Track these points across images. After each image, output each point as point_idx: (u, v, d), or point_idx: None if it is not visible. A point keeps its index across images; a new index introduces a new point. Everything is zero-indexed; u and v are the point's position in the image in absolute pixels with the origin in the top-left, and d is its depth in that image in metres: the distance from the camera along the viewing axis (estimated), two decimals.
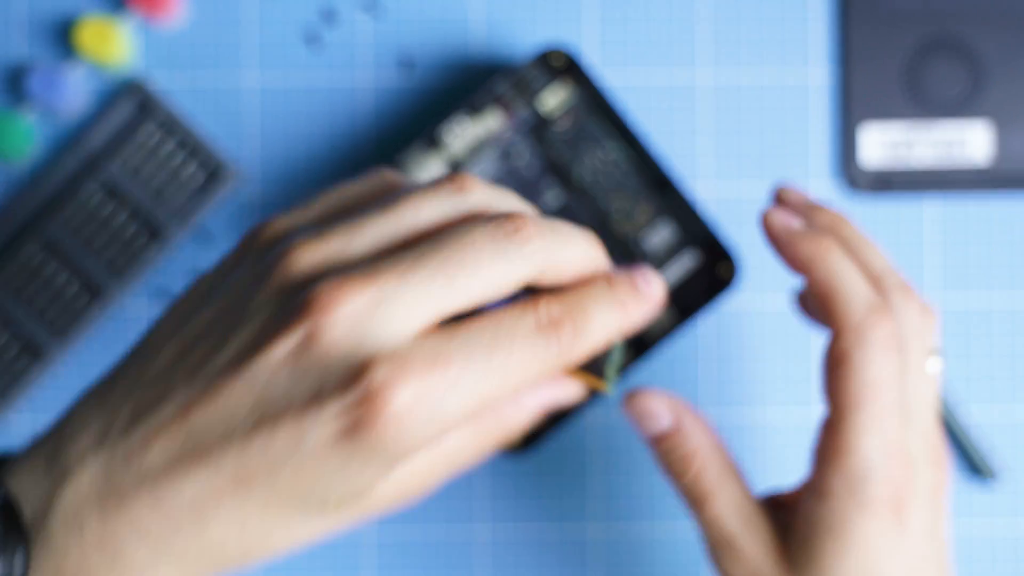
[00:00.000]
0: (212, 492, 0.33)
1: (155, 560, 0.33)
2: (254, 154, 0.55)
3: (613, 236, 0.52)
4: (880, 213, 0.55)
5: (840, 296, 0.39)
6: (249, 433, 0.32)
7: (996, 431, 0.55)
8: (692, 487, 0.41)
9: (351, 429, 0.32)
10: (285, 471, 0.33)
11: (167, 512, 0.33)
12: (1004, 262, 0.55)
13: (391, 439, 0.32)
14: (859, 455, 0.38)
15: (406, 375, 0.32)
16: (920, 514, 0.39)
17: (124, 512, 0.33)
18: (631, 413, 0.42)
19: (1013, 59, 0.54)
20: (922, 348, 0.40)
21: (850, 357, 0.39)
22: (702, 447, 0.41)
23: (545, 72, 0.52)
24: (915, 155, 0.54)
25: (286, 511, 0.34)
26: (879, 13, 0.54)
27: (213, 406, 0.33)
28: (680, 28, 0.55)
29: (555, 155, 0.52)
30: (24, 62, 0.54)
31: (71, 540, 0.33)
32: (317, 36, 0.54)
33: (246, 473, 0.33)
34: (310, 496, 0.33)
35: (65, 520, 0.33)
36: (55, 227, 0.53)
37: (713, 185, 0.55)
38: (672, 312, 0.52)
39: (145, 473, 0.33)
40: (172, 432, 0.33)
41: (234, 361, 0.33)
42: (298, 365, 0.32)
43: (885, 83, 0.54)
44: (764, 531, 0.40)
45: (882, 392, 0.38)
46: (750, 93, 0.55)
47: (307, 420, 0.32)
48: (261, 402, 0.32)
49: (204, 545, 0.33)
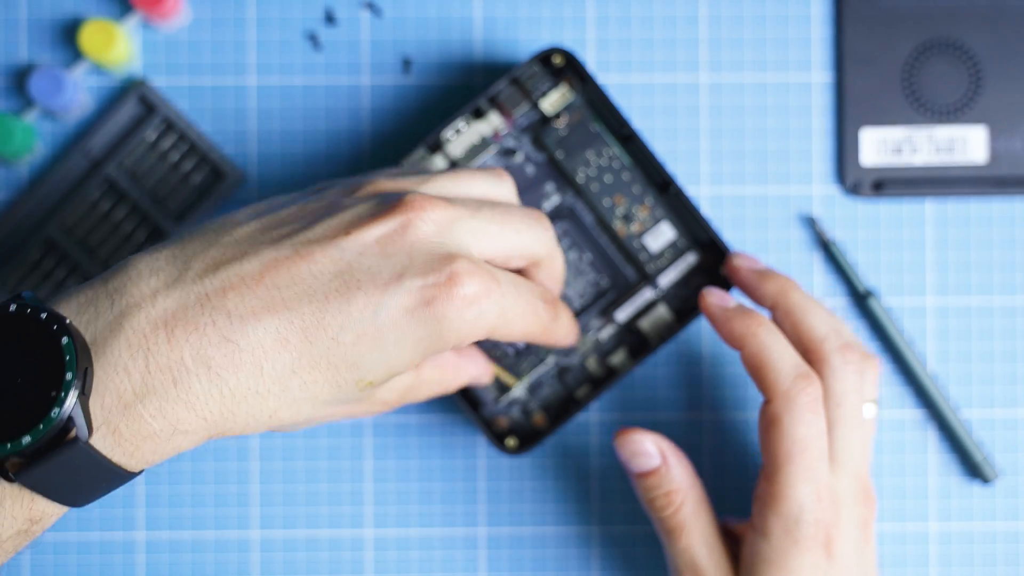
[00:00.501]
0: (278, 340, 0.37)
1: (208, 393, 0.36)
2: (254, 154, 0.55)
3: (613, 236, 0.52)
4: (879, 214, 0.55)
5: (769, 367, 0.45)
6: (328, 295, 0.37)
7: (994, 432, 0.55)
8: (670, 520, 0.48)
9: (426, 303, 0.38)
10: (350, 334, 0.37)
11: (232, 351, 0.36)
12: (1003, 263, 0.55)
13: (453, 318, 0.39)
14: (792, 501, 0.45)
15: (477, 274, 0.39)
16: (847, 546, 0.46)
17: (193, 343, 0.36)
18: (622, 451, 0.48)
19: (1010, 61, 0.55)
20: (857, 401, 0.46)
21: (781, 419, 0.45)
22: (683, 484, 0.48)
23: (545, 72, 0.52)
24: (914, 157, 0.55)
25: (327, 379, 0.38)
26: (876, 16, 0.54)
27: (298, 267, 0.37)
28: (680, 29, 0.55)
29: (555, 155, 0.52)
30: (27, 63, 0.54)
31: (137, 361, 0.35)
32: (317, 36, 0.55)
33: (315, 329, 0.37)
34: (356, 367, 0.38)
35: (130, 344, 0.36)
36: (57, 227, 0.53)
37: (713, 186, 0.55)
38: (672, 312, 0.52)
39: (219, 312, 0.36)
40: (253, 284, 0.37)
41: (326, 236, 0.38)
42: (388, 246, 0.38)
43: (883, 86, 0.55)
44: (724, 560, 0.47)
45: (808, 447, 0.45)
46: (750, 94, 0.55)
47: (388, 292, 0.38)
48: (347, 271, 0.38)
49: (257, 388, 0.37)
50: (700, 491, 0.48)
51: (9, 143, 0.52)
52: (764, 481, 0.46)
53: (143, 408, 0.36)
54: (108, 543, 0.54)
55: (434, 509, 0.55)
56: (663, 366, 0.55)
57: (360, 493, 0.55)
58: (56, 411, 0.34)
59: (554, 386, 0.53)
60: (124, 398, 0.35)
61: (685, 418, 0.55)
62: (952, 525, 0.55)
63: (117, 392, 0.35)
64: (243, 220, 0.40)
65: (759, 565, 0.46)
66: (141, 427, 0.36)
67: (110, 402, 0.35)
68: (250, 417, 0.37)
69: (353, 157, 0.55)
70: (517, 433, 0.52)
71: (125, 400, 0.35)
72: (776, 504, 0.45)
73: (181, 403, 0.36)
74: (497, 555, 0.55)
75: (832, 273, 0.55)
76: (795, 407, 0.45)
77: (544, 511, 0.55)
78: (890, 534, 0.55)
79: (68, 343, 0.35)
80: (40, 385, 0.35)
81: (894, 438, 0.55)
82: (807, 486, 0.45)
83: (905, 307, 0.55)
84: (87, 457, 0.35)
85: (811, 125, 0.55)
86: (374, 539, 0.55)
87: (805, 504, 0.45)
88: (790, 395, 0.45)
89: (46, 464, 0.35)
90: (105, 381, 0.35)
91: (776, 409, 0.45)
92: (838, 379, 0.46)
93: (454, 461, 0.55)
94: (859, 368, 0.46)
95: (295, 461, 0.55)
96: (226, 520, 0.54)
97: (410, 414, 0.55)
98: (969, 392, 0.55)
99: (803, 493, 0.45)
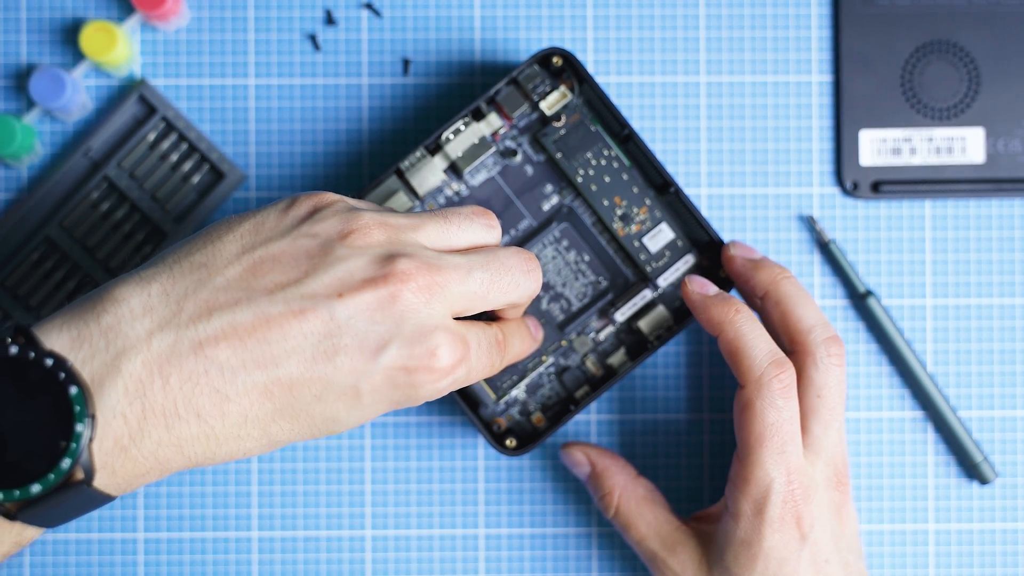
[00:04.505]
0: (264, 392, 0.39)
1: (196, 438, 0.38)
2: (254, 154, 0.55)
3: (612, 237, 0.52)
4: (878, 215, 0.55)
5: (744, 353, 0.47)
6: (316, 356, 0.39)
7: (993, 432, 0.55)
8: (616, 519, 0.51)
9: (407, 372, 0.40)
10: (332, 393, 0.40)
11: (221, 401, 0.38)
12: (1002, 263, 0.55)
13: (427, 386, 0.41)
14: (762, 482, 0.46)
15: (455, 346, 0.41)
16: (822, 530, 0.47)
17: (186, 392, 0.38)
18: (566, 463, 0.53)
19: (1008, 63, 0.55)
20: (839, 393, 0.47)
21: (753, 404, 0.46)
22: (617, 484, 0.51)
23: (544, 73, 0.52)
24: (912, 158, 0.55)
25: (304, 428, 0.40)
26: (875, 18, 0.55)
27: (289, 325, 0.39)
28: (679, 29, 0.55)
29: (554, 156, 0.52)
30: (27, 64, 0.54)
31: (134, 408, 0.37)
32: (317, 37, 0.55)
33: (300, 386, 0.39)
34: (333, 421, 0.41)
35: (127, 390, 0.37)
36: (57, 227, 0.53)
37: (712, 187, 0.55)
38: (671, 312, 0.52)
39: (212, 363, 0.38)
40: (245, 336, 0.39)
41: (318, 294, 0.39)
42: (377, 314, 0.40)
43: (882, 87, 0.55)
44: (684, 547, 0.49)
45: (779, 431, 0.46)
46: (749, 95, 0.55)
47: (373, 360, 0.40)
48: (336, 333, 0.39)
49: (239, 433, 0.39)
50: (640, 490, 0.51)
51: (10, 144, 0.52)
52: (736, 463, 0.47)
53: (137, 451, 0.38)
54: (107, 543, 0.54)
55: (433, 510, 0.55)
56: (662, 366, 0.55)
57: (359, 494, 0.55)
58: (67, 461, 0.36)
59: (553, 386, 0.53)
60: (121, 442, 0.37)
61: (685, 418, 0.55)
62: (951, 525, 0.55)
63: (115, 437, 0.37)
64: (233, 252, 0.40)
65: (730, 546, 0.47)
66: (134, 467, 0.38)
67: (108, 445, 0.37)
68: (228, 455, 0.40)
69: (352, 157, 0.55)
70: (516, 434, 0.52)
71: (122, 444, 0.37)
72: (746, 485, 0.46)
73: (172, 447, 0.38)
74: (496, 556, 0.55)
75: (831, 273, 0.55)
76: (767, 393, 0.46)
77: (543, 512, 0.55)
78: (890, 534, 0.55)
79: (78, 394, 0.36)
80: (48, 433, 0.36)
81: (894, 438, 0.55)
82: (777, 468, 0.46)
83: (904, 307, 0.55)
84: (87, 496, 0.37)
85: (810, 126, 0.55)
86: (373, 540, 0.55)
87: (774, 485, 0.46)
88: (762, 381, 0.46)
89: (48, 504, 0.37)
90: (104, 426, 0.37)
91: (749, 394, 0.46)
92: (821, 371, 0.47)
93: (453, 462, 0.55)
94: (841, 363, 0.48)
95: (294, 462, 0.55)
96: (225, 521, 0.54)
97: (409, 415, 0.55)
98: (968, 392, 0.55)
99: (773, 474, 0.46)
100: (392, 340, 0.40)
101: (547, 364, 0.52)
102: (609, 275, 0.53)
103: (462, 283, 0.42)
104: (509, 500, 0.55)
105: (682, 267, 0.52)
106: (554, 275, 0.53)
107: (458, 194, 0.52)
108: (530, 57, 0.51)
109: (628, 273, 0.53)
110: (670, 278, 0.52)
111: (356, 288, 0.40)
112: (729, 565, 0.47)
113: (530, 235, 0.52)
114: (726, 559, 0.47)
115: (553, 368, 0.52)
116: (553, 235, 0.53)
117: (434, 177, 0.51)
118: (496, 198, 0.52)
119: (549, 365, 0.52)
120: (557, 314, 0.53)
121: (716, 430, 0.55)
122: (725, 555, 0.47)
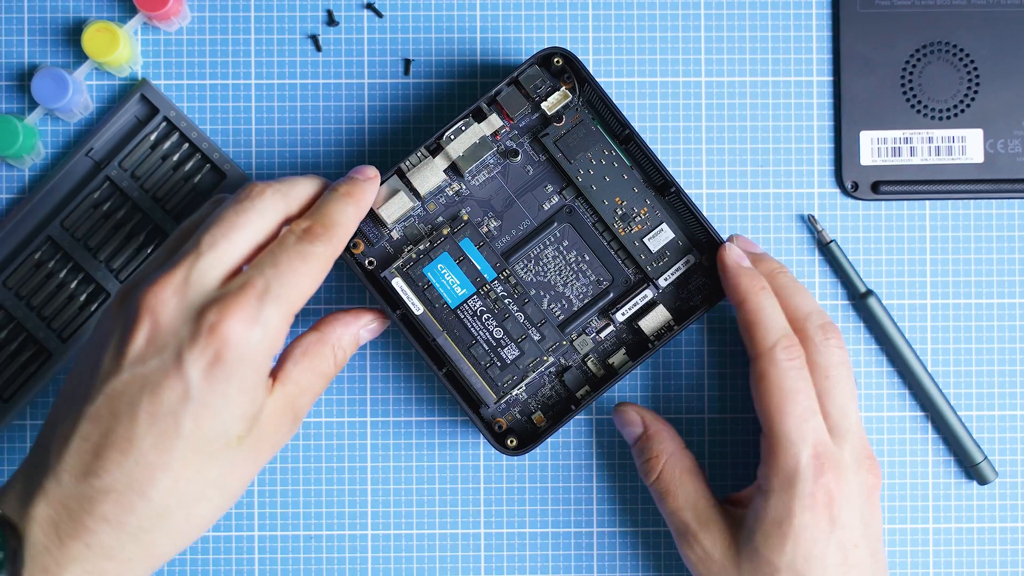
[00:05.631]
0: (143, 468, 0.41)
1: (119, 543, 0.42)
2: (256, 154, 0.55)
3: (613, 237, 0.52)
4: (878, 215, 0.55)
5: (760, 324, 0.48)
6: (136, 412, 0.42)
7: (994, 432, 0.55)
8: (656, 484, 0.51)
9: (213, 360, 0.42)
10: (187, 420, 0.42)
11: (117, 500, 0.41)
12: (1001, 264, 0.55)
13: (242, 353, 0.42)
14: (789, 454, 0.46)
15: (232, 314, 0.42)
16: (851, 511, 0.47)
17: (87, 512, 0.41)
18: (616, 421, 0.52)
19: (1007, 64, 0.55)
20: (846, 372, 0.48)
21: (768, 373, 0.47)
22: (666, 451, 0.51)
23: (545, 73, 0.52)
24: (912, 159, 0.55)
25: (204, 458, 0.42)
26: (875, 19, 0.55)
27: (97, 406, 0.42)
28: (679, 30, 0.55)
29: (555, 156, 0.52)
30: (29, 65, 0.55)
31: (51, 540, 0.41)
32: (318, 37, 0.55)
33: (157, 439, 0.42)
34: (217, 435, 0.42)
35: (43, 526, 0.41)
36: (59, 227, 0.54)
37: (712, 187, 0.55)
38: (672, 312, 0.52)
39: (90, 484, 0.41)
40: (75, 438, 0.42)
41: (106, 367, 0.43)
42: (146, 350, 0.42)
43: (882, 88, 0.55)
44: (717, 524, 0.49)
45: (797, 395, 0.47)
46: (749, 95, 0.55)
47: (181, 369, 0.42)
48: (134, 380, 0.42)
49: (155, 514, 0.42)
50: (687, 461, 0.51)
51: (12, 144, 0.52)
52: (763, 442, 0.48)
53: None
54: None
55: (434, 509, 0.55)
56: (663, 366, 0.55)
57: (361, 493, 0.55)
58: None
59: (554, 386, 0.53)
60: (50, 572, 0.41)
61: (686, 418, 0.55)
62: (952, 525, 0.55)
63: (45, 568, 0.41)
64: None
65: (760, 524, 0.47)
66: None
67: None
68: (176, 530, 0.43)
69: (353, 157, 0.55)
70: (517, 433, 0.52)
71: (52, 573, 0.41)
72: (774, 459, 0.47)
73: (102, 559, 0.42)
74: (497, 555, 0.55)
75: (832, 274, 0.55)
76: (779, 361, 0.47)
77: (544, 511, 0.55)
78: (890, 533, 0.55)
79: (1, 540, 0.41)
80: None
81: (894, 438, 0.55)
82: (803, 439, 0.46)
83: (904, 307, 0.55)
84: None
85: (810, 126, 0.55)
86: (374, 539, 0.55)
87: (801, 456, 0.46)
88: (774, 352, 0.47)
89: None
90: (34, 560, 0.41)
91: (762, 365, 0.47)
92: (822, 352, 0.48)
93: (454, 462, 0.55)
94: (841, 345, 0.48)
95: (294, 463, 0.55)
96: (226, 521, 0.54)
97: (410, 415, 0.55)
98: (968, 392, 0.55)
99: (799, 444, 0.46)
100: (180, 348, 0.42)
101: (548, 364, 0.52)
102: (610, 275, 0.53)
103: (257, 324, 0.43)
104: (510, 500, 0.55)
105: (682, 267, 0.52)
106: (555, 275, 0.53)
107: (459, 194, 0.52)
108: (531, 57, 0.51)
109: (629, 273, 0.53)
110: (670, 278, 0.52)
111: (123, 348, 0.43)
112: (758, 546, 0.47)
113: (531, 235, 0.53)
114: (755, 540, 0.47)
115: (554, 368, 0.53)
116: (554, 235, 0.53)
117: (435, 177, 0.51)
118: (497, 198, 0.53)
119: (550, 365, 0.52)
120: (558, 314, 0.53)
121: (716, 430, 0.55)
122: (755, 536, 0.47)
